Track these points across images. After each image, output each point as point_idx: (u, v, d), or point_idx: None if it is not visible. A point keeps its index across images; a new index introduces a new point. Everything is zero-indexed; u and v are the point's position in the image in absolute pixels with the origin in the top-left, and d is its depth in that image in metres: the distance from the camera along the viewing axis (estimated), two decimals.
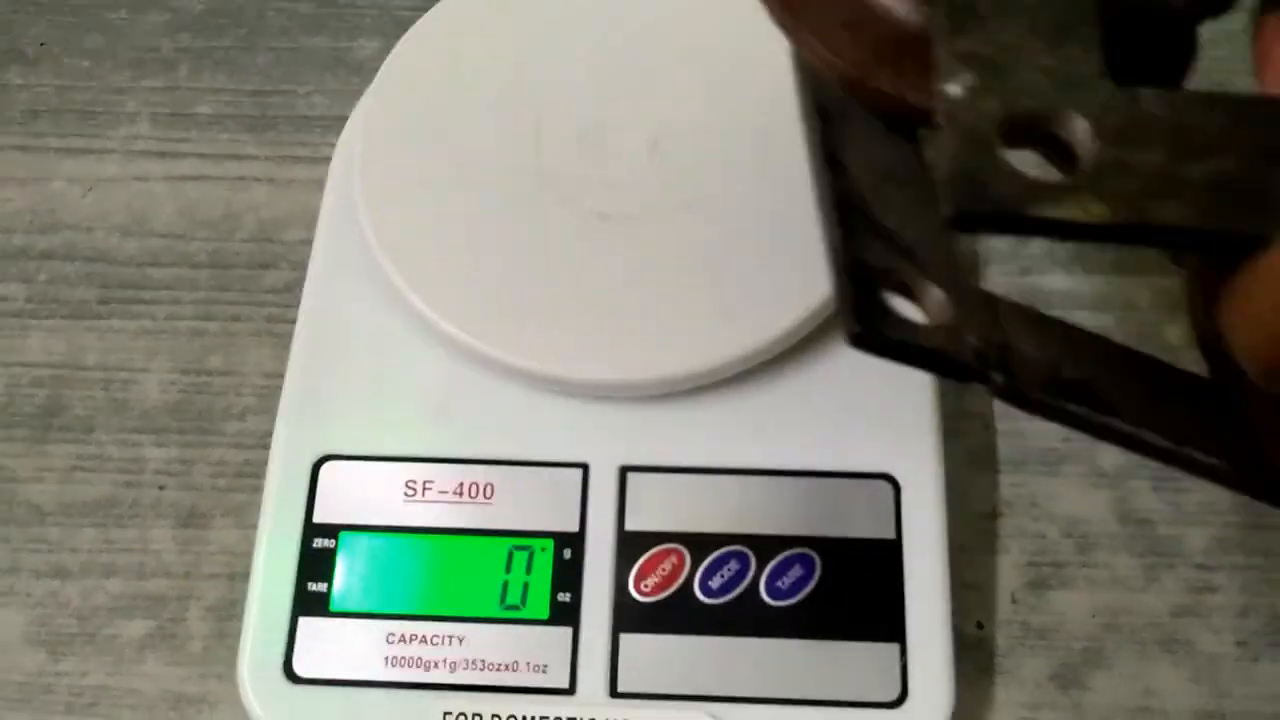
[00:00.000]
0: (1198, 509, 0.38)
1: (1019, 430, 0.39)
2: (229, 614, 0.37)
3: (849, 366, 0.37)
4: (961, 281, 0.25)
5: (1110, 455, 0.39)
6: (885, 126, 0.23)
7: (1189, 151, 0.21)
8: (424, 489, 0.36)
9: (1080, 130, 0.21)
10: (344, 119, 0.42)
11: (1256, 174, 0.21)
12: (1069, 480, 0.39)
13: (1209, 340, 0.25)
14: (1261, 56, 0.26)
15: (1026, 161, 0.21)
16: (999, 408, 0.40)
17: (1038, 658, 0.36)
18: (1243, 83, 0.49)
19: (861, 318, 0.23)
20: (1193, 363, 0.41)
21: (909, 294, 0.25)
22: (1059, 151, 0.21)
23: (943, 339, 0.24)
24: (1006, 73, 0.21)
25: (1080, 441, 0.39)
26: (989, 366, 0.24)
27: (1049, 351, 0.25)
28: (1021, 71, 0.22)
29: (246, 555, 0.36)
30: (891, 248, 0.25)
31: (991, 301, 0.25)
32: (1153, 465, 0.39)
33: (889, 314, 0.23)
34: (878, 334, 0.23)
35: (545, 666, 0.34)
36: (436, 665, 0.34)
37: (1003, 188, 0.20)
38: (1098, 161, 0.21)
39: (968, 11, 0.22)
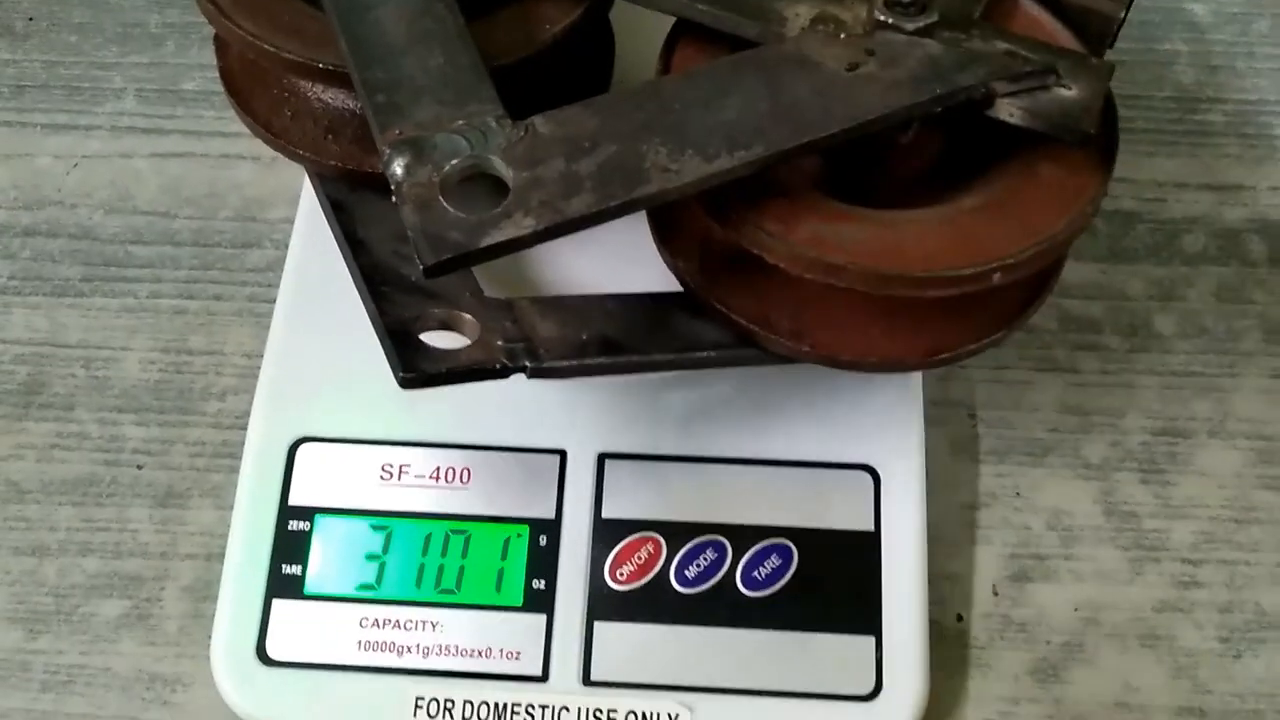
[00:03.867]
0: (1185, 502, 0.38)
1: (1004, 419, 0.39)
2: (205, 595, 0.37)
3: None
4: (484, 300, 0.32)
5: (1097, 447, 0.39)
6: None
7: (579, 152, 0.28)
8: (400, 473, 0.36)
9: (500, 166, 0.28)
10: None
11: (631, 152, 0.28)
12: (1054, 471, 0.38)
13: (676, 270, 0.33)
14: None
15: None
16: (982, 396, 0.39)
17: (1017, 651, 0.36)
18: (1243, 64, 0.49)
19: (407, 366, 0.29)
20: (1183, 353, 0.41)
21: (447, 326, 0.31)
22: (496, 183, 0.27)
23: (478, 353, 0.30)
24: (430, 146, 0.28)
25: (1066, 432, 0.39)
26: (518, 359, 0.30)
27: (566, 326, 0.32)
28: (441, 139, 0.28)
29: (224, 536, 0.36)
30: (423, 296, 0.31)
31: (508, 305, 0.32)
32: (1140, 458, 0.39)
33: (430, 352, 0.30)
34: (422, 373, 0.29)
35: (518, 654, 0.34)
36: (409, 650, 0.34)
37: (455, 234, 0.26)
38: (518, 185, 0.27)
39: (392, 108, 0.29)
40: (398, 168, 0.28)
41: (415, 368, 0.29)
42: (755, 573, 0.34)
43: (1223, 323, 0.41)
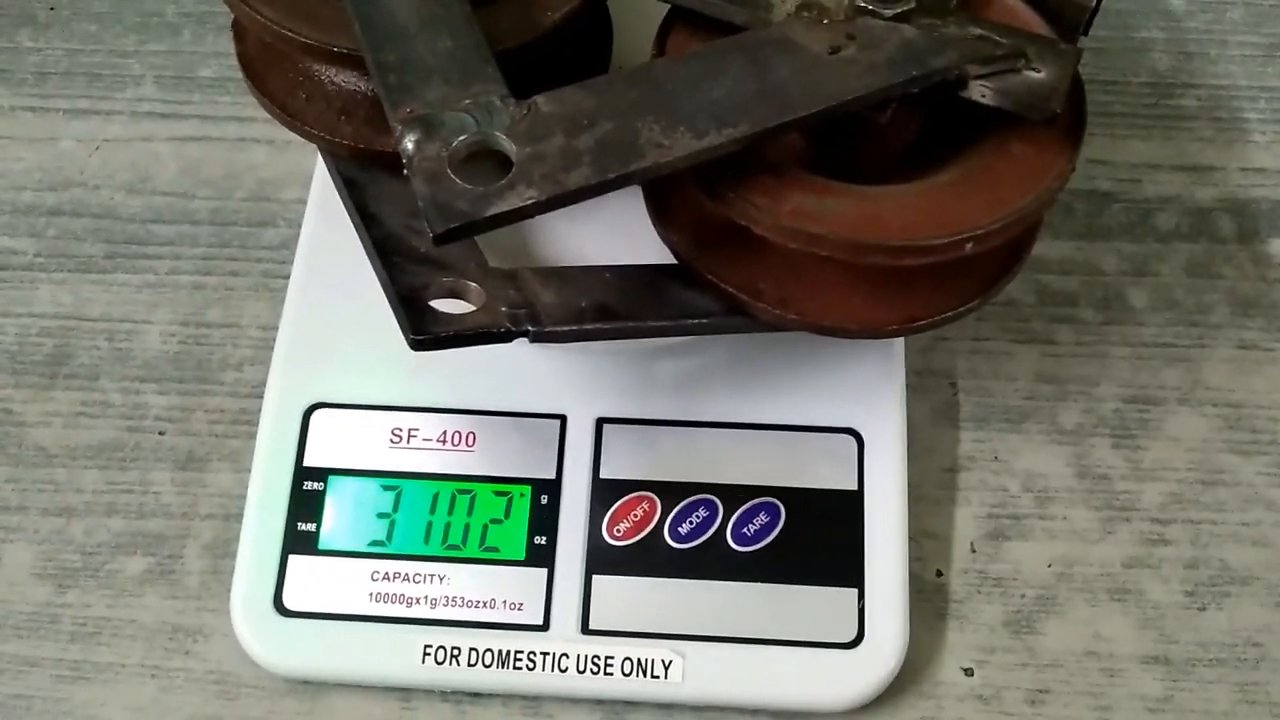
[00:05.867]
0: (1155, 465, 0.40)
1: (983, 388, 0.41)
2: (224, 552, 0.39)
3: None
4: (489, 270, 0.34)
5: (1071, 414, 0.41)
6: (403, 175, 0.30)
7: (578, 129, 0.30)
8: (409, 436, 0.38)
9: (504, 142, 0.29)
10: None
11: (626, 129, 0.30)
12: (1030, 436, 0.40)
13: (670, 243, 0.35)
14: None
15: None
16: (963, 366, 0.41)
17: (993, 604, 0.38)
18: (1216, 51, 0.51)
19: (417, 329, 0.31)
20: (1154, 325, 0.43)
21: (455, 294, 0.33)
22: (501, 160, 0.29)
23: (483, 318, 0.32)
24: (440, 123, 0.30)
25: (1042, 400, 0.41)
26: (521, 324, 0.32)
27: (566, 294, 0.34)
28: (450, 117, 0.30)
29: (241, 497, 0.38)
30: (432, 266, 0.33)
31: (512, 274, 0.34)
32: (1112, 424, 0.41)
33: (438, 316, 0.32)
34: (432, 336, 0.31)
35: (521, 604, 0.36)
36: (418, 602, 0.36)
37: (463, 204, 0.28)
38: (521, 159, 0.29)
39: (404, 88, 0.31)
40: (409, 143, 0.30)
41: (425, 331, 0.31)
42: (745, 529, 0.36)
43: (1192, 296, 0.43)
